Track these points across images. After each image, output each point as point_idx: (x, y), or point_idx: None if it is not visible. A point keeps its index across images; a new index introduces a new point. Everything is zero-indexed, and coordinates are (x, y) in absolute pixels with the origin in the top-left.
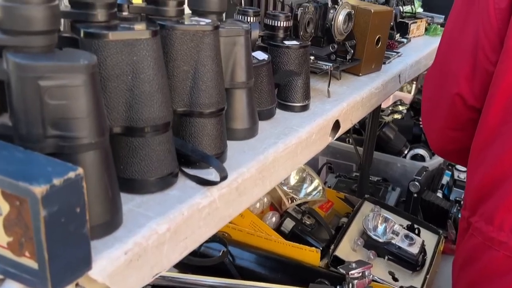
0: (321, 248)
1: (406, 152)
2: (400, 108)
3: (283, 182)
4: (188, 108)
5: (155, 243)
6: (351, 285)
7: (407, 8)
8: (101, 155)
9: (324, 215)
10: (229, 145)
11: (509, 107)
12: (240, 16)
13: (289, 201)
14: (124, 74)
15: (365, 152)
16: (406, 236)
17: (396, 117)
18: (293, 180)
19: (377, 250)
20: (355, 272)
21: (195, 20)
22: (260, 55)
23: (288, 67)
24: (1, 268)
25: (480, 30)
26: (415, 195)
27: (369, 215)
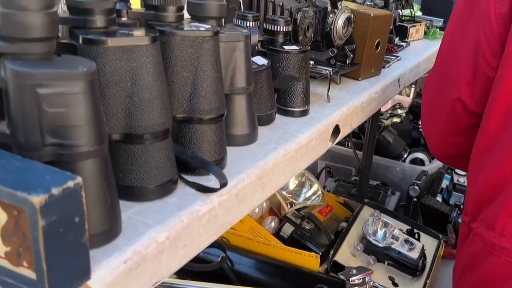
0: (320, 253)
1: (405, 156)
2: (399, 111)
3: (282, 187)
4: (187, 114)
5: (155, 251)
6: None
7: (406, 12)
8: (100, 163)
9: (324, 219)
10: (228, 151)
11: (510, 112)
12: (239, 21)
13: (288, 206)
14: (123, 80)
15: (364, 156)
16: (406, 241)
17: (395, 120)
18: (292, 184)
19: (377, 255)
20: (355, 278)
21: (195, 25)
22: (260, 60)
23: (288, 72)
24: None
25: (480, 34)
26: (415, 199)
27: (368, 220)
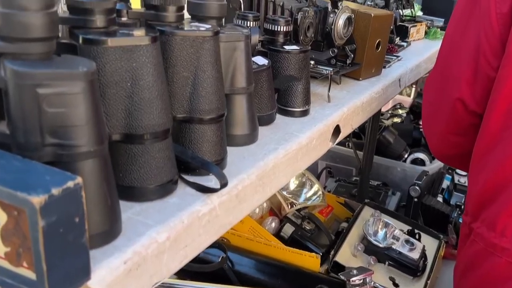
0: (321, 254)
1: (406, 156)
2: (400, 111)
3: (283, 187)
4: (187, 115)
5: (155, 252)
6: None
7: (407, 12)
8: (100, 163)
9: (324, 220)
10: (229, 151)
11: (511, 112)
12: (240, 21)
13: (289, 206)
14: (123, 80)
15: (365, 156)
16: (406, 241)
17: (395, 120)
18: (292, 185)
19: (378, 256)
20: (356, 279)
21: (195, 25)
22: (260, 60)
23: (288, 72)
24: None
25: (481, 35)
26: (416, 199)
27: (369, 220)
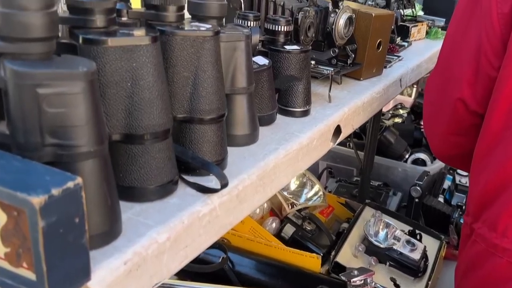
0: (321, 254)
1: (407, 156)
2: (401, 111)
3: (283, 187)
4: (188, 115)
5: (155, 252)
6: None
7: (408, 11)
8: (100, 163)
9: (325, 220)
10: (229, 151)
11: None
12: (240, 21)
13: (289, 207)
14: (124, 80)
15: (366, 156)
16: (407, 242)
17: (396, 121)
18: (293, 185)
19: (379, 256)
20: (357, 279)
21: (195, 25)
22: (261, 60)
23: (289, 72)
24: None
25: (482, 34)
26: (417, 200)
27: (370, 221)
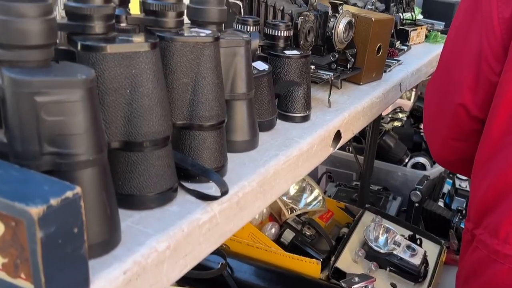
0: (321, 260)
1: (406, 160)
2: (400, 115)
3: None
4: (187, 121)
5: (155, 261)
6: None
7: (407, 15)
8: (99, 172)
9: (324, 225)
10: (229, 158)
11: None
12: (240, 26)
13: (289, 212)
14: (123, 87)
15: (365, 160)
16: (408, 247)
17: (396, 124)
18: (292, 190)
19: (379, 261)
20: (357, 286)
21: (195, 31)
22: (261, 66)
23: (289, 77)
24: None
25: (483, 39)
26: (417, 204)
27: (370, 226)
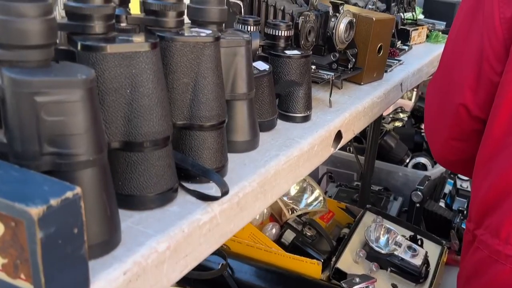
0: (322, 260)
1: (407, 161)
2: (401, 115)
3: None
4: (188, 121)
5: (155, 262)
6: None
7: (408, 15)
8: (100, 172)
9: (325, 226)
10: (229, 158)
11: None
12: (240, 25)
13: (290, 212)
14: (123, 87)
15: (366, 161)
16: (409, 247)
17: (397, 124)
18: (293, 190)
19: (380, 262)
20: (358, 287)
21: (195, 31)
22: (261, 65)
23: (290, 77)
24: None
25: (484, 39)
26: (418, 204)
27: (371, 226)
